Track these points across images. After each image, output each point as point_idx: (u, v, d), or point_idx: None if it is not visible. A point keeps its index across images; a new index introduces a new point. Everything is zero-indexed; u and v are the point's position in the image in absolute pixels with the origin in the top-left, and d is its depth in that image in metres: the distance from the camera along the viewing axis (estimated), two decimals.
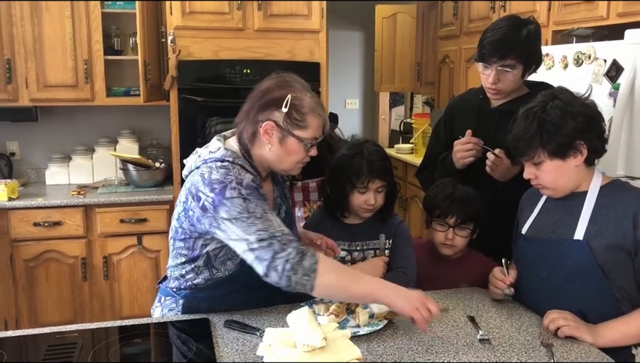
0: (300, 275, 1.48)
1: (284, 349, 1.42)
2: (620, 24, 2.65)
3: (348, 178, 1.91)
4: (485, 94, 2.20)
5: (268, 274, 1.49)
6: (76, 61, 3.56)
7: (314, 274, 1.48)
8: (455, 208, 1.99)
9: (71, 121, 3.96)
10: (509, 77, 2.05)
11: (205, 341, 1.54)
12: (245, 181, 1.57)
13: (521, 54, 2.02)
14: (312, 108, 1.62)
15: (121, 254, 3.47)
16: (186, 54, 3.42)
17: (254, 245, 1.50)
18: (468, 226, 2.00)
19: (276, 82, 1.65)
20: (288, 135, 1.61)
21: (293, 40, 3.57)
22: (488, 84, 2.09)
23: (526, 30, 2.03)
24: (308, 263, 1.48)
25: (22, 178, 3.81)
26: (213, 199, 1.55)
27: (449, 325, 1.67)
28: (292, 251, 1.49)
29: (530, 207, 1.81)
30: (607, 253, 1.57)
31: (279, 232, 1.52)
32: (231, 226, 1.53)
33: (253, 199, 1.55)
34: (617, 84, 2.39)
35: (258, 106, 1.63)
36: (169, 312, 1.75)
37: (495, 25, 2.10)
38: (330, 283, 1.52)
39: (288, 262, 1.47)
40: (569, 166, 1.62)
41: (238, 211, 1.52)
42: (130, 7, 3.58)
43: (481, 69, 2.11)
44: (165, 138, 3.95)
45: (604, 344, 1.53)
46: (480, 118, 2.19)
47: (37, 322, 3.37)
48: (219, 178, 1.56)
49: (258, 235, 1.50)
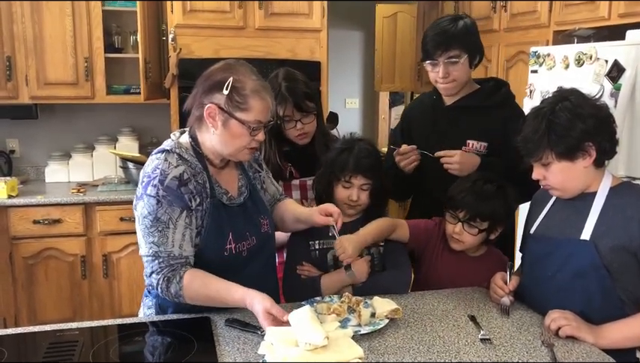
0: (171, 297, 1.62)
1: (286, 347, 1.41)
2: (621, 24, 2.65)
3: (332, 170, 1.94)
4: (438, 94, 2.26)
5: (150, 282, 1.64)
6: (77, 59, 3.56)
7: (181, 298, 1.61)
8: (468, 201, 1.91)
9: (71, 118, 3.96)
10: (457, 68, 2.11)
11: (206, 340, 1.53)
12: (170, 176, 1.61)
13: (463, 43, 2.09)
14: (254, 90, 1.63)
15: (120, 252, 3.46)
16: (187, 52, 3.42)
17: (142, 254, 1.64)
18: (478, 224, 1.92)
19: (220, 66, 1.68)
20: (230, 117, 1.63)
21: (294, 39, 3.57)
22: (440, 79, 2.14)
23: (462, 22, 2.12)
24: (174, 290, 1.60)
25: (22, 176, 3.80)
26: (140, 192, 1.64)
27: (450, 324, 1.67)
28: (161, 278, 1.60)
29: (540, 207, 1.81)
30: (613, 255, 1.57)
31: (166, 252, 1.61)
32: (137, 224, 1.65)
33: (166, 203, 1.60)
34: (619, 84, 2.39)
35: (202, 90, 1.66)
36: (148, 310, 1.77)
37: (433, 24, 2.17)
38: (198, 301, 1.64)
39: (159, 285, 1.61)
40: (578, 168, 1.61)
41: (148, 212, 1.60)
42: (130, 5, 3.57)
43: (429, 68, 2.16)
44: (165, 136, 3.85)
45: (606, 345, 1.53)
46: (436, 117, 2.25)
47: (36, 320, 3.36)
48: (149, 171, 1.64)
49: (149, 248, 1.61)
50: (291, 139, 2.21)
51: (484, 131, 2.16)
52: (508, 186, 1.95)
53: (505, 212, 1.95)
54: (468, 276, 1.98)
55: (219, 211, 1.69)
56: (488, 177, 1.97)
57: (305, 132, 2.19)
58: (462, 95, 2.21)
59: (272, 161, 2.18)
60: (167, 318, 1.70)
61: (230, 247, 1.69)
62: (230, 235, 1.69)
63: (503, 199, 1.93)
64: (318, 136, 2.26)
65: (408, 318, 1.70)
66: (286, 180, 2.25)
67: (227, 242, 1.69)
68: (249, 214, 1.78)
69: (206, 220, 1.66)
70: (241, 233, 1.72)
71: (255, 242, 1.76)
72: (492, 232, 1.96)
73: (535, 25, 3.33)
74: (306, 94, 2.16)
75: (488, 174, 2.00)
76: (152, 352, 1.56)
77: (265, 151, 2.17)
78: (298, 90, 2.14)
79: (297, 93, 2.13)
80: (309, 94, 2.18)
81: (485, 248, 2.03)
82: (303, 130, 2.18)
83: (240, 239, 1.71)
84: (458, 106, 2.21)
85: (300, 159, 2.26)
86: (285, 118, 2.14)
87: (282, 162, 2.23)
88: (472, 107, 2.19)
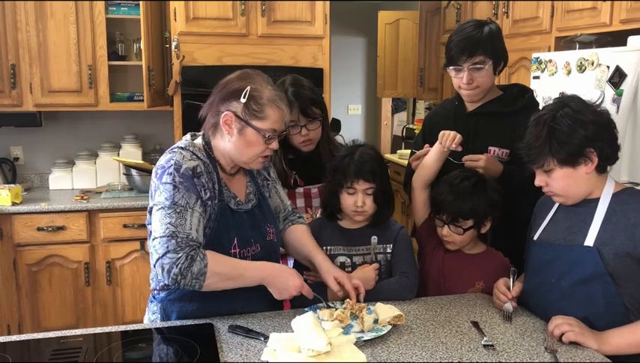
0: (188, 279, 1.57)
1: (289, 354, 1.42)
2: (623, 30, 2.66)
3: (336, 178, 1.95)
4: (460, 100, 2.24)
5: (155, 266, 1.58)
6: (80, 67, 3.58)
7: (203, 277, 1.58)
8: (446, 205, 1.96)
9: (75, 126, 3.98)
10: (482, 74, 2.10)
11: (210, 346, 1.53)
12: (184, 166, 1.62)
13: (488, 49, 2.08)
14: (270, 100, 1.67)
15: (123, 259, 3.47)
16: (190, 59, 3.44)
17: (156, 236, 1.59)
18: (461, 224, 1.95)
19: (237, 75, 1.71)
20: (246, 125, 1.66)
21: (296, 46, 3.59)
22: (464, 85, 2.13)
23: (488, 27, 2.10)
24: (197, 268, 1.56)
25: (26, 183, 3.82)
26: (155, 184, 1.64)
27: (453, 330, 1.66)
28: (182, 256, 1.55)
29: (544, 213, 1.81)
30: (617, 261, 1.57)
31: (184, 233, 1.58)
32: (155, 212, 1.62)
33: (183, 189, 1.61)
34: (621, 90, 2.39)
35: (219, 98, 1.69)
36: (153, 315, 1.77)
37: (458, 29, 2.15)
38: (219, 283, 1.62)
39: (176, 266, 1.55)
40: (580, 174, 1.62)
41: (165, 197, 1.60)
42: (134, 13, 3.60)
43: (453, 74, 2.15)
44: (168, 143, 3.90)
45: (609, 351, 1.53)
46: (458, 123, 2.22)
47: (39, 327, 3.37)
48: (162, 163, 1.65)
49: (164, 230, 1.57)
50: (296, 145, 2.21)
51: (506, 138, 2.11)
52: (487, 180, 1.99)
53: (488, 206, 1.96)
54: (466, 274, 2.00)
55: (226, 215, 1.70)
56: (466, 174, 2.00)
57: (310, 138, 2.20)
58: (484, 101, 2.19)
59: (277, 167, 2.18)
60: (170, 324, 1.70)
61: (234, 252, 1.70)
62: (235, 240, 1.70)
63: (482, 194, 1.95)
64: (324, 144, 2.27)
65: (410, 324, 1.70)
66: (291, 188, 2.26)
67: (232, 247, 1.70)
68: (256, 221, 1.79)
69: (212, 221, 1.68)
70: (246, 239, 1.73)
71: (260, 250, 1.77)
72: (482, 226, 1.99)
73: (537, 31, 3.34)
74: (312, 100, 2.18)
75: (465, 171, 2.03)
76: (155, 358, 1.57)
77: (271, 158, 2.18)
78: (305, 95, 2.16)
79: (303, 98, 2.15)
80: (315, 100, 2.19)
81: (484, 247, 2.06)
82: (308, 136, 2.19)
83: (245, 245, 1.72)
84: (480, 112, 2.20)
85: (305, 167, 2.27)
86: (291, 123, 2.14)
87: (287, 170, 2.24)
88: (494, 113, 2.18)
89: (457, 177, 1.99)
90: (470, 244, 2.03)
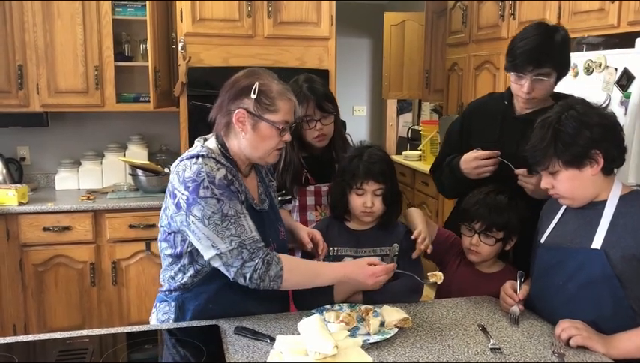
0: (267, 282, 1.63)
1: (295, 356, 1.42)
2: (630, 32, 2.64)
3: (345, 179, 1.95)
4: (510, 100, 2.19)
5: (236, 279, 1.63)
6: (87, 67, 3.59)
7: (280, 279, 1.64)
8: (482, 213, 1.95)
9: (81, 126, 3.98)
10: (544, 85, 2.03)
11: (215, 348, 1.53)
12: (217, 177, 1.62)
13: (556, 62, 2.01)
14: (280, 92, 1.69)
15: (129, 260, 3.48)
16: (196, 60, 3.44)
17: (223, 251, 1.61)
18: (494, 234, 1.95)
19: (244, 73, 1.73)
20: (259, 120, 1.67)
21: (302, 48, 3.58)
22: (523, 93, 2.05)
23: (559, 36, 2.02)
24: (274, 271, 1.63)
25: (32, 183, 3.83)
26: (187, 197, 1.61)
27: (460, 333, 1.66)
28: (259, 262, 1.62)
29: (550, 216, 1.81)
30: (624, 264, 1.56)
31: (250, 239, 1.63)
32: (202, 228, 1.60)
33: (226, 199, 1.61)
34: (628, 92, 2.38)
35: (228, 97, 1.69)
36: (163, 315, 1.76)
37: (525, 33, 2.05)
38: (297, 283, 1.73)
39: (255, 272, 1.62)
40: (586, 176, 1.61)
41: (212, 212, 1.59)
42: (140, 14, 3.60)
43: (513, 78, 2.07)
44: (174, 144, 3.96)
45: (617, 355, 1.52)
46: (505, 126, 2.17)
47: (45, 327, 3.38)
48: (191, 176, 1.62)
49: (230, 242, 1.60)
50: (310, 141, 2.24)
51: None
52: (518, 198, 1.98)
53: (518, 222, 1.97)
54: (482, 292, 1.97)
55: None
56: (500, 189, 2.00)
57: (324, 133, 2.23)
58: (537, 107, 2.09)
59: (294, 162, 2.23)
60: (177, 326, 1.71)
61: None
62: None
63: (515, 210, 1.96)
64: (338, 141, 2.31)
65: (417, 327, 1.69)
66: (302, 185, 2.28)
67: None
68: (271, 220, 1.83)
69: None
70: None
71: (276, 248, 1.78)
72: (507, 243, 1.99)
73: None
74: (326, 94, 2.23)
75: (499, 185, 2.01)
76: (161, 359, 1.57)
77: (287, 154, 2.20)
78: (319, 90, 2.21)
79: (318, 92, 2.20)
80: (329, 95, 2.25)
81: (502, 265, 2.05)
82: (322, 131, 2.22)
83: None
84: (530, 119, 2.02)
85: (317, 166, 2.30)
86: (306, 117, 2.18)
87: (304, 164, 2.27)
88: None
89: (492, 191, 2.00)
90: (490, 260, 2.02)
